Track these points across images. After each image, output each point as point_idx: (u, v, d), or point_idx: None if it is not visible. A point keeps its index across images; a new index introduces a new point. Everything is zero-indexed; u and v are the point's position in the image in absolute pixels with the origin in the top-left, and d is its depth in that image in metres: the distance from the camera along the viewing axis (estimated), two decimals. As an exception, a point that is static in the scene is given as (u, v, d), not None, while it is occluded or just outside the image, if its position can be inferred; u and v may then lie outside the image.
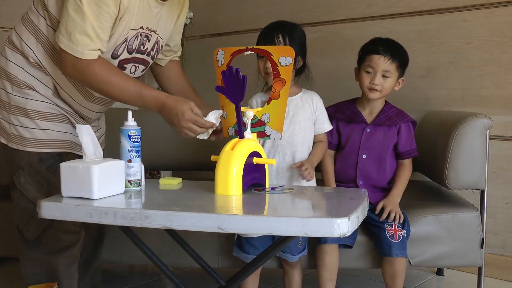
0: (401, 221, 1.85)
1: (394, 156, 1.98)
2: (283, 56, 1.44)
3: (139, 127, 1.49)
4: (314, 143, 1.86)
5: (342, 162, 1.99)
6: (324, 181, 1.98)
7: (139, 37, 1.63)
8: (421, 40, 2.59)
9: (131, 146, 1.46)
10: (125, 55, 1.63)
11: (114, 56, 1.61)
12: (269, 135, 1.51)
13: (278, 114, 1.48)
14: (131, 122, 1.48)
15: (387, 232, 1.82)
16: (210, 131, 1.58)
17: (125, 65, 1.66)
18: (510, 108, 2.40)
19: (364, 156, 1.95)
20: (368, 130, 1.96)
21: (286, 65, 1.44)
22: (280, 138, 1.51)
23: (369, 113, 1.99)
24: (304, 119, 1.81)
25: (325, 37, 2.92)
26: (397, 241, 1.81)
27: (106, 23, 1.50)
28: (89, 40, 1.49)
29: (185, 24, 3.17)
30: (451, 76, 2.53)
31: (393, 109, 1.99)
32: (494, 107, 2.42)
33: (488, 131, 1.95)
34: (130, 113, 1.49)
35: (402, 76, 1.97)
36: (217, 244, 1.96)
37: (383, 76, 1.90)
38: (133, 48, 1.64)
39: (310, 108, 1.83)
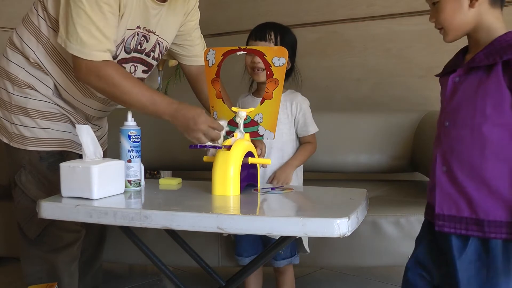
0: None
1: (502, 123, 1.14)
2: (277, 57, 1.44)
3: (139, 127, 1.49)
4: (300, 144, 1.82)
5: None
6: None
7: (136, 36, 1.63)
8: (421, 40, 2.59)
9: (131, 146, 1.46)
10: (123, 55, 1.63)
11: (114, 56, 1.61)
12: (262, 135, 1.51)
13: (271, 114, 1.48)
14: (131, 122, 1.48)
15: None
16: (222, 138, 1.52)
17: (124, 65, 1.66)
18: (510, 108, 2.39)
19: (447, 124, 1.21)
20: (457, 79, 1.21)
21: (279, 66, 1.44)
22: (274, 138, 1.51)
23: (471, 55, 1.22)
24: None
25: (325, 37, 2.92)
26: None
27: (111, 22, 1.50)
28: (95, 41, 1.47)
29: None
30: (451, 76, 2.52)
31: (509, 36, 1.15)
32: (494, 107, 2.42)
33: (488, 131, 1.94)
34: (130, 113, 1.49)
35: None
36: (217, 244, 1.97)
37: (433, 4, 1.22)
38: (131, 47, 1.64)
39: (288, 110, 1.78)
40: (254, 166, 1.51)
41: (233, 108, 1.52)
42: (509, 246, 1.12)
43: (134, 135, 1.47)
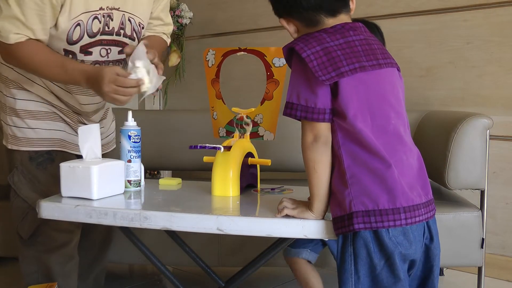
0: None
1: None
2: (277, 57, 1.44)
3: (139, 128, 1.49)
4: None
5: None
6: None
7: (102, 19, 1.58)
8: (421, 40, 2.59)
9: (131, 147, 1.46)
10: (86, 40, 1.58)
11: (70, 42, 1.57)
12: (262, 136, 1.51)
13: (271, 115, 1.48)
14: (131, 122, 1.48)
15: None
16: (148, 86, 1.44)
17: (90, 49, 1.60)
18: (510, 108, 2.39)
19: None
20: None
21: (279, 66, 1.44)
22: (273, 139, 1.51)
23: None
24: None
25: (325, 37, 2.91)
26: None
27: (32, 11, 1.47)
28: (12, 26, 1.47)
29: (185, 24, 3.18)
30: (451, 76, 2.53)
31: None
32: (494, 107, 2.42)
33: (488, 131, 1.95)
34: (130, 113, 1.49)
35: None
36: (217, 244, 1.96)
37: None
38: (95, 31, 1.58)
39: None
40: (254, 166, 1.51)
41: (233, 109, 1.52)
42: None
43: (134, 135, 1.47)
